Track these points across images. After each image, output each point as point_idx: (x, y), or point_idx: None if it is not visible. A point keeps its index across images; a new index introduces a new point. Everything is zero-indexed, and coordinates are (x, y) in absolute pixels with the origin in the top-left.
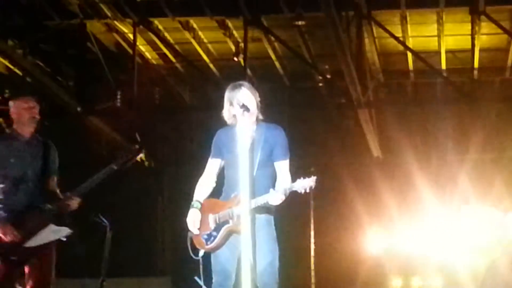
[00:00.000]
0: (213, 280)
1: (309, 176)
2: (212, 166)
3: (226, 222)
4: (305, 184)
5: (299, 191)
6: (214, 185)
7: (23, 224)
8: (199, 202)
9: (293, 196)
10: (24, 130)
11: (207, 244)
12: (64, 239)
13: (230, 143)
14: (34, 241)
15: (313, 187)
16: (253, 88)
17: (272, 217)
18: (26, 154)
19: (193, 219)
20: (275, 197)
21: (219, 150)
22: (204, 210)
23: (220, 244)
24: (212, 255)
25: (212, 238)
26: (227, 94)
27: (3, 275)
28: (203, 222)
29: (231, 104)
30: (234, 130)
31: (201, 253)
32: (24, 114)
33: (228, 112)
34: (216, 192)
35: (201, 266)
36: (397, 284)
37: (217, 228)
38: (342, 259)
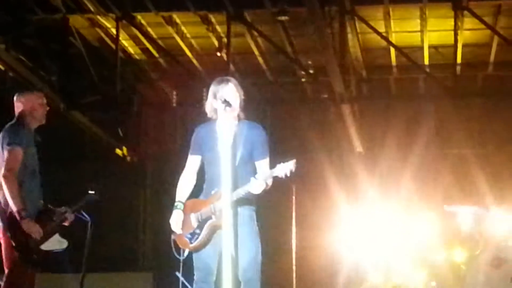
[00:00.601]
0: (195, 277)
1: (288, 161)
2: (192, 163)
3: (209, 218)
4: (285, 168)
5: (279, 176)
6: (195, 182)
7: (43, 225)
8: (182, 202)
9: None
10: (34, 124)
11: (191, 243)
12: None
13: (210, 140)
14: (46, 246)
15: (293, 170)
16: (239, 85)
17: (254, 213)
18: (35, 150)
19: (176, 220)
20: (256, 185)
21: (198, 147)
22: (185, 210)
23: (205, 241)
24: (194, 252)
25: (196, 236)
26: (212, 88)
27: (25, 277)
28: (185, 222)
29: (214, 97)
30: (214, 126)
31: (185, 252)
32: (38, 109)
33: (210, 105)
34: (196, 190)
35: (181, 263)
36: (378, 279)
37: (200, 226)
38: (324, 254)
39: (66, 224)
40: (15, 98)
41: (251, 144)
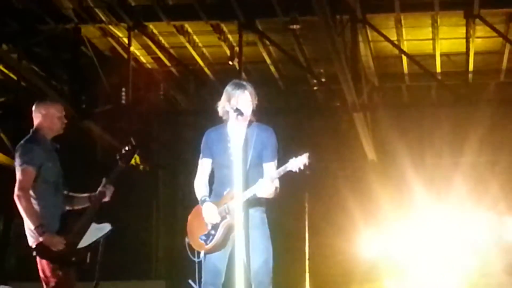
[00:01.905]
0: (203, 279)
1: (301, 154)
2: (204, 166)
3: (224, 218)
4: (299, 162)
5: (293, 170)
6: (208, 185)
7: (70, 227)
8: (207, 196)
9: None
10: (49, 135)
11: (206, 244)
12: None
13: (221, 143)
14: (85, 241)
15: (307, 163)
16: (254, 91)
17: (265, 216)
18: (56, 159)
19: (210, 211)
20: (263, 187)
21: (209, 150)
22: (198, 213)
23: (220, 241)
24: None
25: (211, 237)
26: (229, 90)
27: (66, 281)
28: (198, 225)
29: (228, 101)
30: (224, 129)
31: (201, 254)
32: (56, 123)
33: (222, 107)
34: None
35: (197, 268)
36: (391, 285)
37: (215, 226)
38: (337, 260)
39: (107, 199)
40: (34, 107)
41: (262, 146)
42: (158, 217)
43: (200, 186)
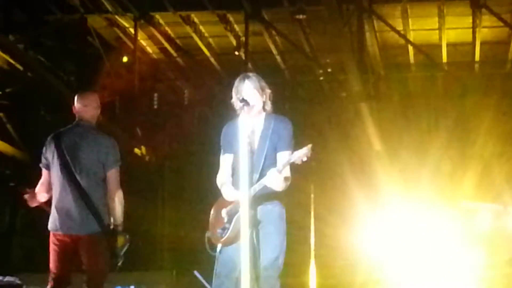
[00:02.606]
0: (217, 271)
1: (305, 146)
2: (226, 162)
3: (238, 211)
4: (301, 154)
5: (296, 162)
6: (231, 180)
7: None
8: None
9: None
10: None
11: (222, 237)
12: None
13: (239, 137)
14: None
15: (309, 155)
16: (259, 80)
17: (284, 210)
18: None
19: (229, 191)
20: (271, 178)
21: (230, 144)
22: (217, 207)
23: (234, 234)
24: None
25: (226, 230)
26: (235, 84)
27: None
28: (217, 219)
29: (236, 94)
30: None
31: (218, 247)
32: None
33: (234, 102)
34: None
35: (216, 261)
36: (397, 276)
37: (230, 220)
38: (343, 251)
39: None
40: (80, 97)
41: (278, 137)
42: (164, 208)
43: (223, 177)
